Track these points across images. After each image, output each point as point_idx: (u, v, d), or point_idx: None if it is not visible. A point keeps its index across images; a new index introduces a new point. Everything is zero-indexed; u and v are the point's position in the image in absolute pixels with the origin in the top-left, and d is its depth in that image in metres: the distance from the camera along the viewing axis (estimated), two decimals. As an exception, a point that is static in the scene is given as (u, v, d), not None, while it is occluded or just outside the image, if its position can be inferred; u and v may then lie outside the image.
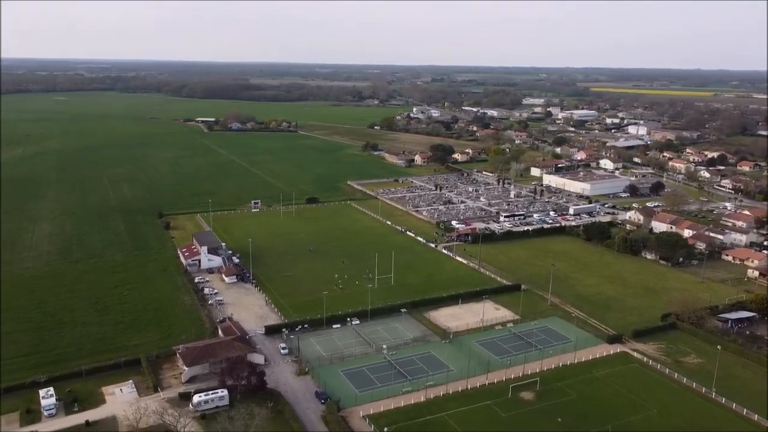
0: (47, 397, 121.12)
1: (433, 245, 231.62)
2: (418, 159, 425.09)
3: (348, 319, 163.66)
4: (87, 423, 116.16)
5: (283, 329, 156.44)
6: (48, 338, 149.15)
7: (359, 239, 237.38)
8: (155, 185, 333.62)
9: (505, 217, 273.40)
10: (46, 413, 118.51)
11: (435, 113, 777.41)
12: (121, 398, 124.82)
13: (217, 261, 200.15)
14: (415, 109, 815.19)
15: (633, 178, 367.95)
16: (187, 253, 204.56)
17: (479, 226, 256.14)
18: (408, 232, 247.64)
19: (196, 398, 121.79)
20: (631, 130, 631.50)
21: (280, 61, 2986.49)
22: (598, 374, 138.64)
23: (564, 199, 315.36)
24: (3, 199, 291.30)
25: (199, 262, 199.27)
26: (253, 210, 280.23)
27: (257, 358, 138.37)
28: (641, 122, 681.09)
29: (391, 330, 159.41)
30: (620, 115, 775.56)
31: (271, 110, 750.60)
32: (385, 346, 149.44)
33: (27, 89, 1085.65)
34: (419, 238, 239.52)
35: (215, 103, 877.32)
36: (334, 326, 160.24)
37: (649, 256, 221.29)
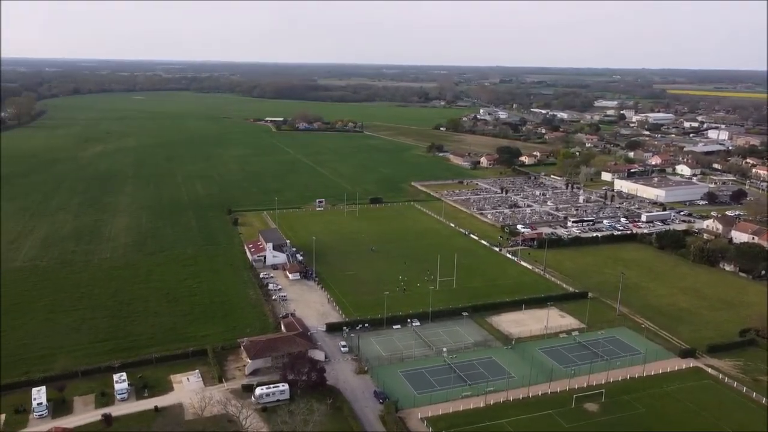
0: (120, 382, 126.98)
1: (497, 249, 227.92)
2: (483, 161, 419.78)
3: (408, 320, 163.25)
4: (156, 409, 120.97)
5: (344, 327, 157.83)
6: (123, 326, 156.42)
7: (422, 241, 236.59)
8: (225, 182, 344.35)
9: (573, 222, 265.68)
10: (118, 397, 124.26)
11: (502, 115, 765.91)
12: (187, 387, 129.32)
13: (281, 258, 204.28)
14: (482, 111, 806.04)
15: (712, 185, 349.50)
16: (253, 249, 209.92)
17: (546, 230, 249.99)
18: (472, 235, 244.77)
19: (258, 391, 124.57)
20: (711, 134, 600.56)
21: (347, 62, 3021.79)
22: (669, 389, 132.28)
23: (636, 206, 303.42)
24: (87, 192, 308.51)
25: (265, 258, 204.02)
26: (317, 209, 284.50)
27: (318, 355, 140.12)
28: (722, 126, 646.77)
29: (452, 333, 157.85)
30: (699, 118, 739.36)
31: (338, 110, 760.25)
32: (445, 349, 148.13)
33: (109, 89, 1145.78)
34: (483, 242, 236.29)
35: (284, 103, 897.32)
36: (395, 327, 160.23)
37: (727, 268, 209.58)
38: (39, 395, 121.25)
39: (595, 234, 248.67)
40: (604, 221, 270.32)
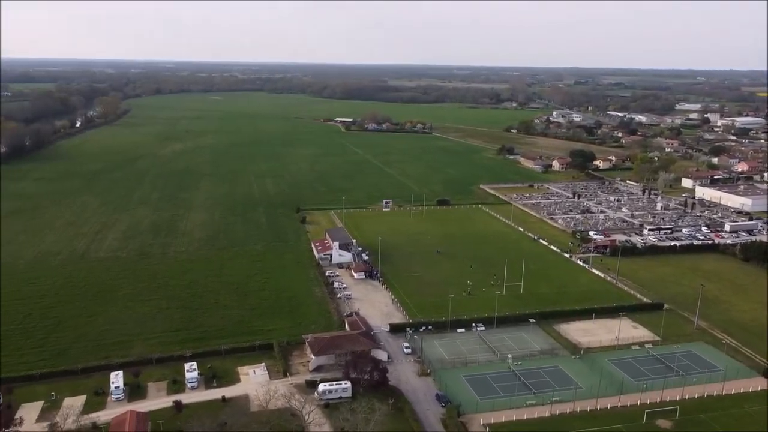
0: (191, 371, 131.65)
1: (567, 255, 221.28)
2: (555, 164, 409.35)
3: (473, 324, 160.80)
4: (223, 399, 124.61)
5: (407, 328, 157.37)
6: (195, 317, 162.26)
7: (489, 244, 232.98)
8: (295, 181, 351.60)
9: (649, 230, 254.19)
10: (189, 385, 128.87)
11: (576, 117, 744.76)
12: (253, 379, 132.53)
13: (347, 257, 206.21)
14: (555, 113, 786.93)
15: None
16: (320, 248, 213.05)
17: (619, 238, 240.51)
18: (541, 240, 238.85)
19: (321, 387, 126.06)
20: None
21: (418, 63, 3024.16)
22: (750, 410, 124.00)
23: (719, 214, 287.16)
24: (166, 188, 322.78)
25: (331, 256, 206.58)
26: (384, 209, 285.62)
27: (381, 355, 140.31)
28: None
29: (518, 339, 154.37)
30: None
31: (407, 111, 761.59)
32: (510, 356, 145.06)
33: (188, 89, 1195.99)
34: (553, 247, 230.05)
35: (353, 103, 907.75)
36: (459, 330, 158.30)
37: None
38: (117, 379, 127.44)
39: (673, 243, 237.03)
40: (684, 230, 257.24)
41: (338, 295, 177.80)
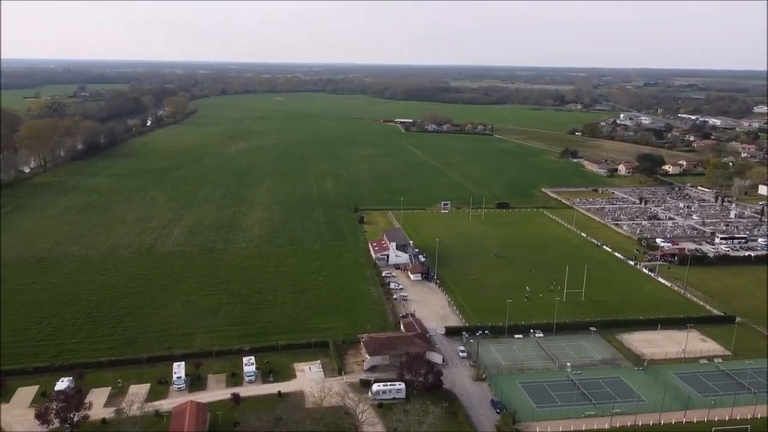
0: (249, 365, 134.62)
1: (632, 263, 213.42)
2: (621, 168, 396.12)
3: (531, 330, 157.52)
4: (279, 394, 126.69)
5: (463, 332, 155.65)
6: (253, 312, 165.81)
7: (549, 249, 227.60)
8: (354, 181, 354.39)
9: (721, 239, 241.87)
10: (246, 379, 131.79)
11: (645, 120, 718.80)
12: (309, 376, 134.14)
13: (404, 258, 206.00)
14: (622, 115, 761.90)
15: None
16: (377, 248, 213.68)
17: (689, 246, 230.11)
18: (604, 247, 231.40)
19: (375, 387, 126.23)
20: None
21: (480, 64, 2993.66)
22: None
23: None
24: (229, 186, 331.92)
25: (388, 257, 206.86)
26: (442, 211, 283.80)
27: (435, 357, 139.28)
28: None
29: (577, 348, 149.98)
30: None
31: (468, 113, 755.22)
32: (569, 364, 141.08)
33: (253, 90, 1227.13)
34: (617, 254, 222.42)
35: (414, 104, 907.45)
36: (516, 336, 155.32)
37: None
38: (179, 370, 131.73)
39: (747, 253, 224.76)
40: (760, 239, 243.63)
41: (394, 296, 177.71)
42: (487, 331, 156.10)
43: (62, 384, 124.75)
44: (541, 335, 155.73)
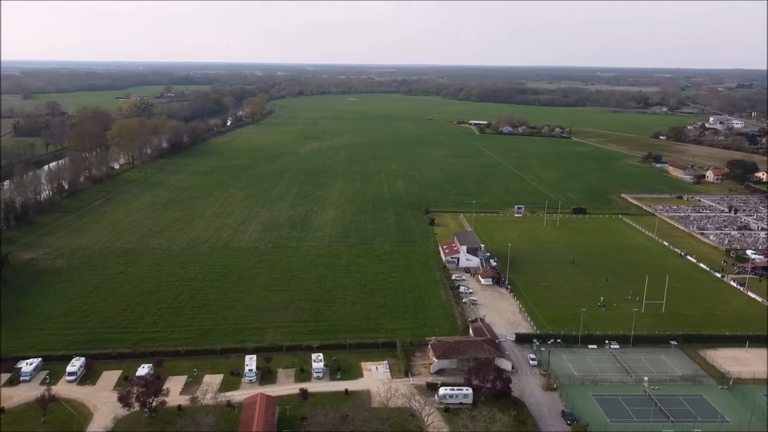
0: (317, 362, 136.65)
1: (718, 275, 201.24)
2: (709, 175, 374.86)
3: (606, 341, 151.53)
4: (346, 392, 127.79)
5: (534, 340, 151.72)
6: (323, 310, 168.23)
7: (627, 257, 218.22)
8: (425, 182, 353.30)
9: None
10: (315, 375, 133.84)
11: (737, 124, 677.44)
12: (375, 376, 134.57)
13: (474, 261, 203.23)
14: (711, 119, 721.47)
15: None
16: (447, 250, 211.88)
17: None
18: (688, 257, 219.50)
19: (441, 391, 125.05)
20: None
21: (558, 65, 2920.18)
22: None
23: None
24: (303, 185, 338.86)
25: (458, 260, 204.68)
26: (515, 215, 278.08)
27: (505, 364, 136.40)
28: None
29: (656, 362, 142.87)
30: None
31: (545, 115, 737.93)
32: (646, 378, 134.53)
33: (328, 91, 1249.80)
34: (702, 265, 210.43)
35: (489, 106, 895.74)
36: (590, 346, 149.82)
37: None
38: (251, 363, 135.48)
39: None
40: None
41: (463, 300, 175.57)
42: (559, 340, 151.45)
43: (143, 370, 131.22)
44: (617, 347, 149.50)
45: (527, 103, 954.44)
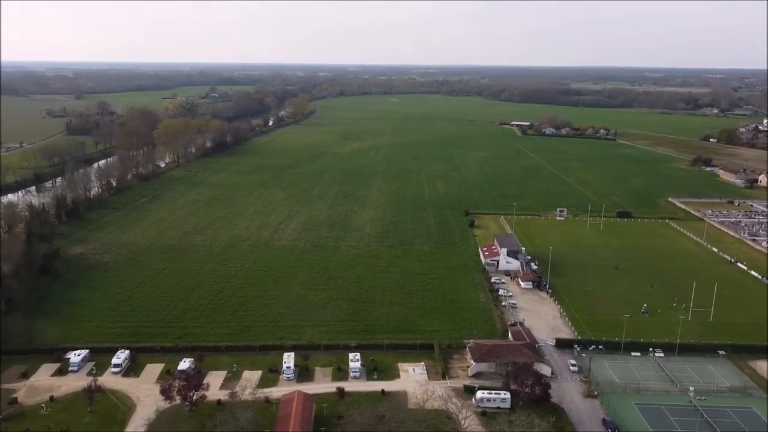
0: (354, 361, 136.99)
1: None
2: (763, 179, 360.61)
3: (650, 349, 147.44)
4: (383, 392, 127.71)
5: (575, 345, 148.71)
6: (361, 310, 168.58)
7: (674, 263, 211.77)
8: (465, 183, 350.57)
9: None
10: (352, 374, 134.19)
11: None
12: (412, 377, 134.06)
13: (515, 264, 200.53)
14: (765, 121, 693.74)
15: None
16: (486, 253, 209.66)
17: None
18: (739, 264, 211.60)
19: (479, 394, 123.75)
20: None
21: (604, 65, 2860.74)
22: None
23: None
24: (343, 184, 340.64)
25: (498, 263, 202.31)
26: (557, 218, 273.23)
27: (544, 369, 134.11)
28: None
29: (702, 372, 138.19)
30: None
31: (589, 116, 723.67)
32: (692, 389, 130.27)
33: (369, 92, 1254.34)
34: (753, 273, 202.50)
35: (531, 107, 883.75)
36: (633, 354, 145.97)
37: None
38: (289, 360, 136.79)
39: None
40: None
41: (503, 303, 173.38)
42: (601, 346, 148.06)
43: (184, 364, 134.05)
44: (662, 355, 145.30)
45: (571, 104, 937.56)
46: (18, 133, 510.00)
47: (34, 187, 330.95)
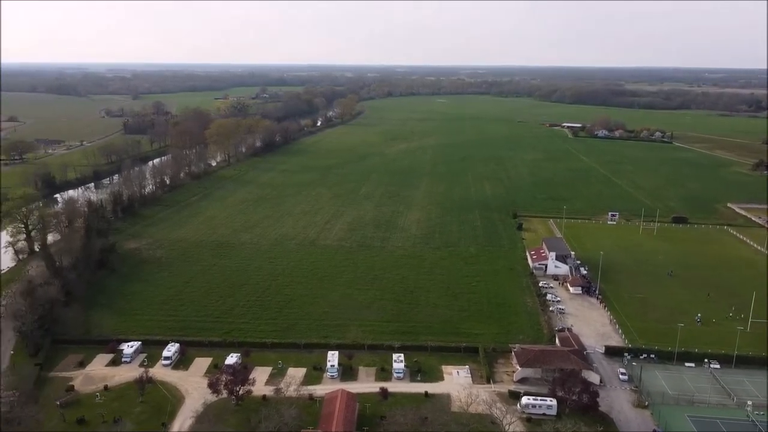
0: (398, 362, 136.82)
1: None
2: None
3: (705, 360, 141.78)
4: (426, 394, 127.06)
5: (625, 354, 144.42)
6: (405, 311, 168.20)
7: (732, 272, 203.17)
8: (514, 186, 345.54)
9: None
10: (395, 375, 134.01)
11: None
12: (456, 380, 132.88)
13: (563, 269, 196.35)
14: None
15: None
16: (534, 256, 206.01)
17: None
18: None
19: (524, 400, 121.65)
20: None
21: (660, 66, 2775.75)
22: None
23: None
24: (389, 185, 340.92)
25: (546, 267, 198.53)
26: (609, 222, 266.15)
27: (592, 377, 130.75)
28: None
29: (762, 385, 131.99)
30: None
31: (644, 118, 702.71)
32: (750, 403, 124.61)
33: (417, 92, 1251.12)
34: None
35: (583, 108, 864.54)
36: (687, 364, 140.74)
37: None
38: (333, 359, 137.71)
39: None
40: None
41: (551, 308, 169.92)
42: (653, 356, 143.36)
43: (231, 359, 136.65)
44: (718, 366, 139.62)
45: (625, 105, 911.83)
46: (79, 132, 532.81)
47: (92, 184, 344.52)
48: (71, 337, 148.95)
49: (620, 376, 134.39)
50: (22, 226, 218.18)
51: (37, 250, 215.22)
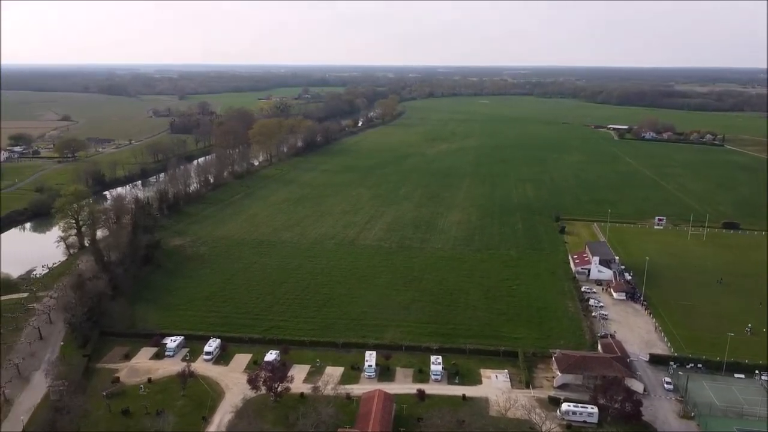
0: (436, 364, 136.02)
1: None
2: None
3: (757, 371, 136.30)
4: (464, 397, 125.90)
5: (671, 362, 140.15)
6: (443, 312, 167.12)
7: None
8: (557, 188, 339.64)
9: None
10: (433, 377, 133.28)
11: None
12: (495, 384, 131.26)
13: (607, 274, 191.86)
14: None
15: None
16: (577, 260, 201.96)
17: None
18: None
19: (564, 406, 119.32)
20: None
21: (712, 66, 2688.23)
22: None
23: None
24: (429, 186, 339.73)
25: (589, 271, 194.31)
26: (655, 227, 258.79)
27: (636, 385, 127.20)
28: None
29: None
30: None
31: (694, 120, 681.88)
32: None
33: (459, 93, 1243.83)
34: None
35: (630, 110, 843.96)
36: (736, 375, 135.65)
37: None
38: (370, 359, 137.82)
39: None
40: None
41: (593, 314, 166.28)
42: (700, 365, 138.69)
43: (271, 356, 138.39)
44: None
45: (674, 107, 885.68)
46: (128, 131, 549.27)
47: (140, 182, 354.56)
48: (118, 330, 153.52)
49: (665, 386, 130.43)
50: (73, 221, 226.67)
51: (87, 245, 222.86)
